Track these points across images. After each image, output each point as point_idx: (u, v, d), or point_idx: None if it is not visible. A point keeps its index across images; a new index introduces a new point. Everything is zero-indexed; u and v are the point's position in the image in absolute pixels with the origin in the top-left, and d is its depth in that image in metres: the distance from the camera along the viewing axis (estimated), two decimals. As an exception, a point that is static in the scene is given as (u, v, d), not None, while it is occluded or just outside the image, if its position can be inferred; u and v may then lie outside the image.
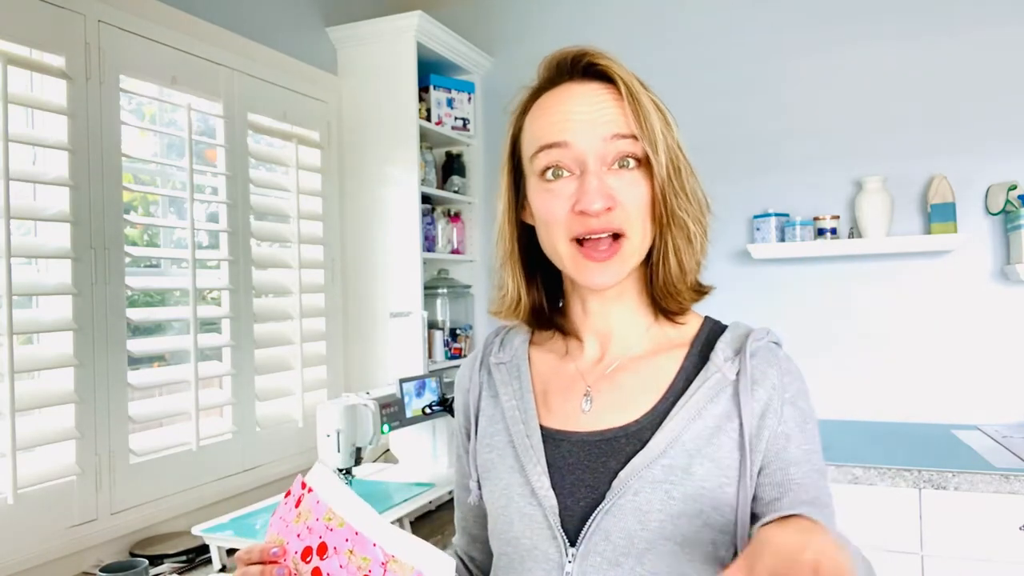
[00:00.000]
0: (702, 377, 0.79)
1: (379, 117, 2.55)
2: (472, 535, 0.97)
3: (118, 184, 1.77)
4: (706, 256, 0.83)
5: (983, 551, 1.85)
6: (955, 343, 2.40)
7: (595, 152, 0.76)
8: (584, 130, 0.76)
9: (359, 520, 0.67)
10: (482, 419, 0.89)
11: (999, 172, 2.35)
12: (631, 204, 0.77)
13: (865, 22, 2.49)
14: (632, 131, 0.76)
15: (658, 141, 0.76)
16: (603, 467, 0.78)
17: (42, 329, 1.63)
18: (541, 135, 0.79)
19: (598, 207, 0.75)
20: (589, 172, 0.76)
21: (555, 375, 0.87)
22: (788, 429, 0.77)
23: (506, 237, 0.87)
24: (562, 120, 0.78)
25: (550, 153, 0.78)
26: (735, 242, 2.63)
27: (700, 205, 0.81)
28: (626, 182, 0.77)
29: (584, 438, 0.80)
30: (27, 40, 1.59)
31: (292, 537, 0.70)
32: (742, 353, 0.79)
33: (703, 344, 0.83)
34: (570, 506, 0.77)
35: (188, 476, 1.94)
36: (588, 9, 2.85)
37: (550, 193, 0.79)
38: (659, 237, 0.80)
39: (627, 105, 0.76)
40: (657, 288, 0.82)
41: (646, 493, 0.74)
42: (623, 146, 0.77)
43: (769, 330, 0.82)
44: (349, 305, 2.60)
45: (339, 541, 0.66)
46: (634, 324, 0.85)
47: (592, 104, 0.77)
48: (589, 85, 0.79)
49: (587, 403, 0.83)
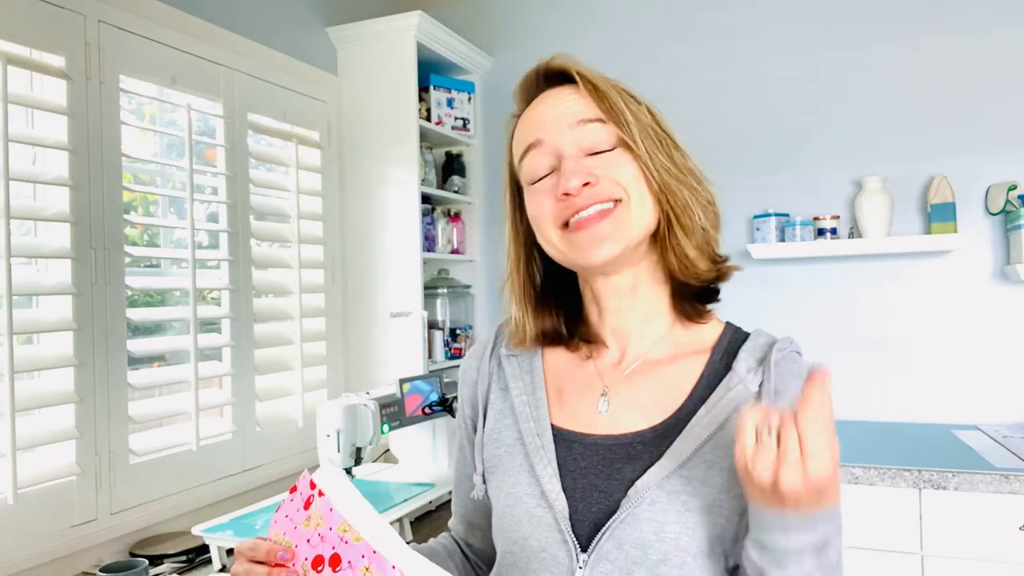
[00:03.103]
0: (724, 387, 0.78)
1: (379, 117, 2.55)
2: (471, 523, 0.96)
3: (118, 184, 1.77)
4: (717, 229, 0.82)
5: (983, 551, 1.85)
6: (955, 343, 2.40)
7: (567, 140, 0.78)
8: (553, 124, 0.79)
9: (377, 538, 0.65)
10: (490, 412, 0.88)
11: (999, 172, 2.35)
12: (619, 177, 0.77)
13: (865, 23, 2.49)
14: (598, 115, 0.78)
15: (627, 119, 0.77)
16: (618, 473, 0.77)
17: (42, 329, 1.63)
18: (520, 144, 0.83)
19: (575, 183, 0.76)
20: (565, 159, 0.78)
21: (571, 374, 0.86)
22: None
23: (511, 258, 0.87)
24: (533, 122, 0.82)
25: (530, 156, 0.81)
26: (735, 242, 2.63)
27: (691, 175, 0.80)
28: (607, 161, 0.78)
29: (599, 441, 0.79)
30: (27, 40, 1.59)
31: (301, 541, 0.68)
32: (766, 363, 0.78)
33: (724, 351, 0.82)
34: (581, 511, 0.76)
35: (188, 476, 1.94)
36: (588, 9, 2.85)
37: (536, 192, 0.80)
38: (660, 212, 0.79)
39: (588, 94, 0.79)
40: (671, 264, 0.81)
41: (663, 503, 0.73)
42: (594, 130, 0.78)
43: (792, 339, 0.81)
44: (349, 305, 2.60)
45: (355, 556, 0.64)
46: (652, 324, 0.84)
47: (557, 100, 0.80)
48: (555, 89, 0.82)
49: (604, 404, 0.82)
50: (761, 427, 0.64)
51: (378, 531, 0.65)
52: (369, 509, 0.67)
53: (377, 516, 0.66)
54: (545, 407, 0.83)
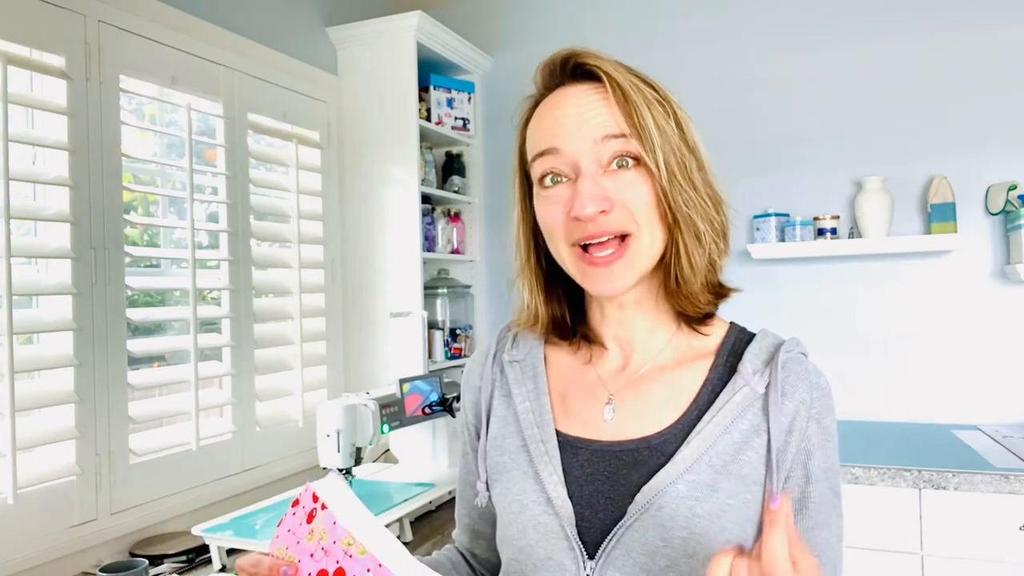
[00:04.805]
0: (730, 390, 0.77)
1: (379, 117, 2.55)
2: (476, 531, 0.94)
3: (118, 184, 1.77)
4: (724, 257, 0.80)
5: (983, 551, 1.85)
6: (955, 343, 2.40)
7: (588, 155, 0.74)
8: (574, 134, 0.75)
9: (382, 551, 0.63)
10: (493, 419, 0.87)
11: (999, 172, 2.35)
12: (632, 204, 0.74)
13: (865, 22, 2.49)
14: (623, 130, 0.74)
15: (653, 138, 0.74)
16: (624, 479, 0.76)
17: (42, 329, 1.63)
18: (535, 143, 0.79)
19: (590, 211, 0.73)
20: (583, 176, 0.74)
21: (574, 379, 0.85)
22: (811, 446, 0.76)
23: (521, 247, 0.85)
24: (553, 126, 0.77)
25: (544, 160, 0.77)
26: (735, 242, 2.59)
27: (710, 201, 0.77)
28: (625, 182, 0.74)
29: (604, 447, 0.78)
30: (27, 40, 1.59)
31: (305, 556, 0.66)
32: (772, 364, 0.77)
33: (729, 353, 0.81)
34: (588, 517, 0.75)
35: (188, 476, 1.94)
36: (588, 9, 2.85)
37: (548, 200, 0.77)
38: (669, 237, 0.77)
39: (616, 104, 0.74)
40: (671, 290, 0.79)
41: (670, 509, 0.72)
42: (617, 146, 0.74)
43: (799, 340, 0.80)
44: (349, 305, 2.60)
45: (359, 570, 0.63)
46: (656, 332, 0.83)
47: (582, 106, 0.76)
48: (580, 87, 0.77)
49: (610, 411, 0.81)
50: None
51: (383, 544, 0.64)
52: (373, 521, 0.66)
53: (382, 528, 0.65)
54: (549, 413, 0.82)
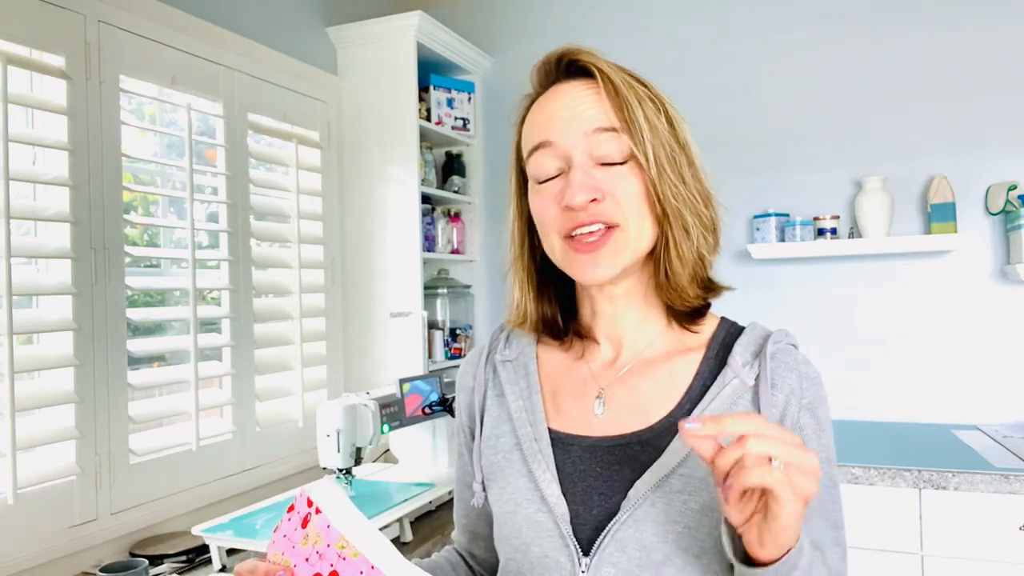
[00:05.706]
0: (720, 382, 0.77)
1: (379, 117, 2.55)
2: (474, 532, 0.95)
3: (118, 184, 1.77)
4: (714, 252, 0.80)
5: (983, 551, 1.85)
6: (955, 343, 2.40)
7: (579, 148, 0.76)
8: (566, 127, 0.76)
9: (375, 553, 0.64)
10: (487, 419, 0.87)
11: (999, 172, 2.35)
12: (622, 196, 0.75)
13: (865, 22, 2.49)
14: (614, 124, 0.75)
15: (643, 132, 0.75)
16: (617, 475, 0.76)
17: (42, 329, 1.63)
18: (530, 138, 0.80)
19: (581, 200, 0.74)
20: (574, 167, 0.75)
21: (565, 376, 0.86)
22: (805, 436, 0.76)
23: (515, 242, 0.86)
24: (546, 120, 0.78)
25: (538, 154, 0.78)
26: (735, 242, 2.63)
27: (699, 196, 0.78)
28: (616, 175, 0.75)
29: (596, 443, 0.79)
30: (27, 40, 1.59)
31: (300, 560, 0.66)
32: (761, 356, 0.77)
33: (719, 346, 0.81)
34: (582, 514, 0.76)
35: (188, 476, 1.94)
36: (588, 9, 2.85)
37: (541, 194, 0.79)
38: (659, 231, 0.77)
39: (608, 98, 0.76)
40: (660, 283, 0.80)
41: (663, 504, 0.72)
42: (607, 139, 0.75)
43: (787, 332, 0.80)
44: (349, 305, 2.60)
45: (353, 573, 0.63)
46: (646, 326, 0.83)
47: (574, 101, 0.77)
48: (573, 83, 0.79)
49: (600, 406, 0.81)
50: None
51: (376, 546, 0.64)
52: (367, 524, 0.66)
53: (376, 531, 0.66)
54: (541, 411, 0.83)
